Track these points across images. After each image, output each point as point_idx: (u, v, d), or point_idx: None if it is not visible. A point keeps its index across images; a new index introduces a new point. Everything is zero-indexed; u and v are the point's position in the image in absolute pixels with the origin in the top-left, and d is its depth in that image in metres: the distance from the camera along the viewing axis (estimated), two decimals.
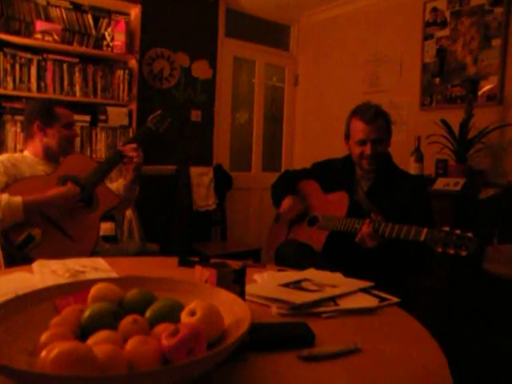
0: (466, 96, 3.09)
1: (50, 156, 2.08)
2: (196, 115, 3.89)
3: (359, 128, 1.89)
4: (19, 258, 1.64)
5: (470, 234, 1.44)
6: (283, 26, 4.59)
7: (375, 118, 1.87)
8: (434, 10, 3.29)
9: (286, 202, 2.07)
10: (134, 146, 2.08)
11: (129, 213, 2.90)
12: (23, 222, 1.81)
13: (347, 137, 1.99)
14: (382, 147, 1.90)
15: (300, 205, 2.07)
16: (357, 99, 3.72)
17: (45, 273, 1.32)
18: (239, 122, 4.42)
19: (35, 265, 1.39)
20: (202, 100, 3.92)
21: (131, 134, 3.17)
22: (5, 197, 1.77)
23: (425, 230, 1.56)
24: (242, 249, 3.59)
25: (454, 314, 2.50)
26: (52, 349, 0.60)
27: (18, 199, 1.78)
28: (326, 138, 4.20)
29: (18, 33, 2.80)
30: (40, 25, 2.83)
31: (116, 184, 2.23)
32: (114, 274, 1.34)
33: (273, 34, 4.53)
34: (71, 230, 1.91)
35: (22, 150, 2.45)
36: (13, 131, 2.80)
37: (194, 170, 3.75)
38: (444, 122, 2.94)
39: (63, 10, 3.01)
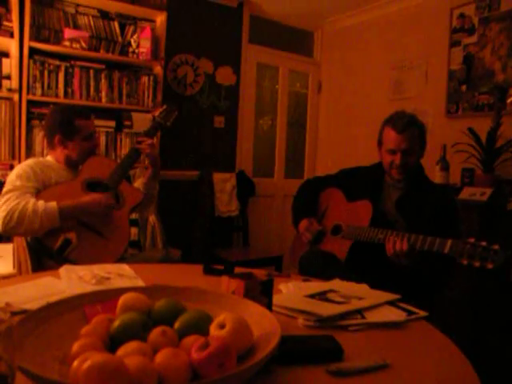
0: (494, 104, 3.02)
1: (72, 164, 2.11)
2: (219, 121, 3.91)
3: (390, 137, 1.87)
4: (59, 262, 1.68)
5: (496, 247, 1.40)
6: (307, 33, 4.58)
7: (407, 128, 1.84)
8: (462, 16, 3.24)
9: (302, 225, 2.08)
10: (149, 142, 2.16)
11: (152, 218, 2.92)
12: (58, 227, 1.85)
13: (380, 144, 1.97)
14: (413, 158, 1.87)
15: (316, 226, 2.06)
16: (381, 106, 3.74)
17: (72, 278, 1.33)
18: (262, 128, 4.42)
19: (62, 270, 1.41)
20: (225, 106, 3.94)
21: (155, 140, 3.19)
22: (41, 204, 1.81)
23: (449, 242, 1.52)
24: (264, 255, 3.58)
25: (479, 326, 2.45)
26: (84, 360, 0.61)
27: (53, 205, 1.82)
28: (349, 144, 4.17)
29: (47, 40, 2.87)
30: (68, 32, 2.88)
31: (136, 184, 2.28)
32: (139, 281, 1.35)
33: (296, 40, 4.52)
34: (104, 229, 1.95)
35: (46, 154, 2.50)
36: (40, 136, 2.85)
37: (217, 176, 3.76)
38: (471, 130, 2.89)
39: (91, 18, 3.06)
